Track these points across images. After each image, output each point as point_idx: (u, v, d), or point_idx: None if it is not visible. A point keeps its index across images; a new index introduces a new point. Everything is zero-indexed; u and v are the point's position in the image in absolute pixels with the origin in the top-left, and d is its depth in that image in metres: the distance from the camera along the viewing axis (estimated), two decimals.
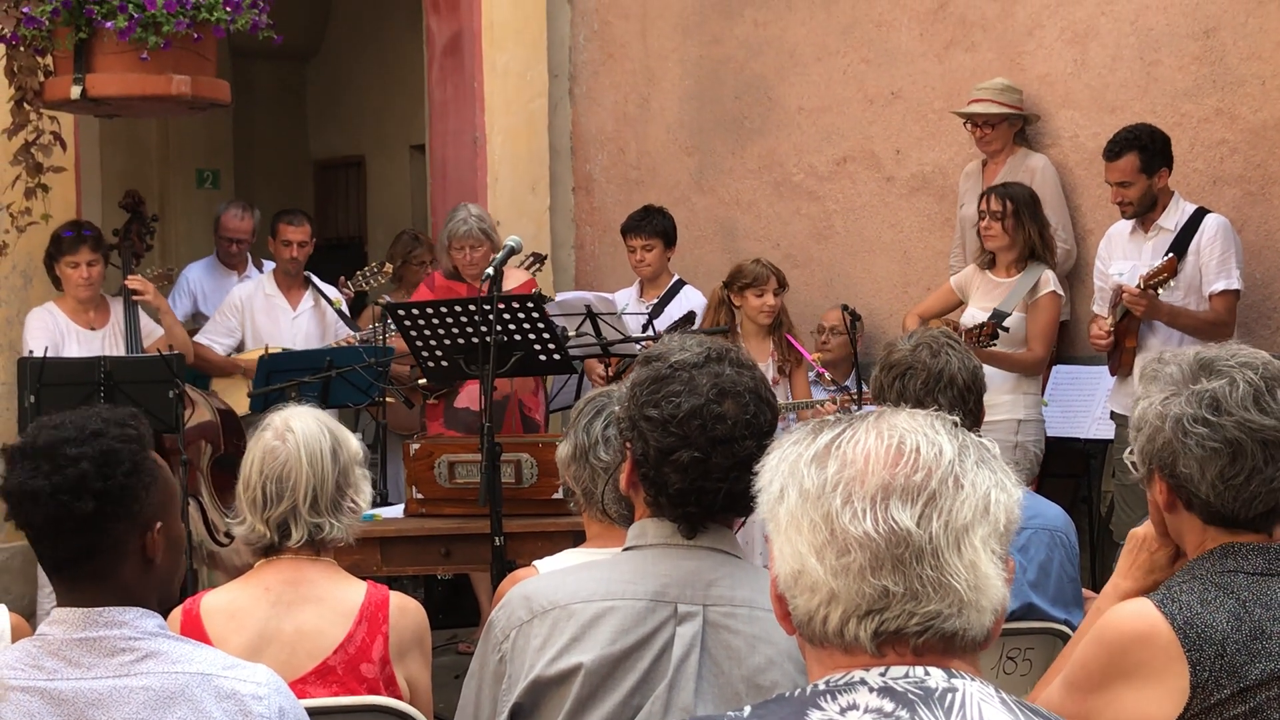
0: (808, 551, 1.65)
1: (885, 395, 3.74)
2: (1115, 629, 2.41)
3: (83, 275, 6.96)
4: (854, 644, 1.65)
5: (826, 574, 1.64)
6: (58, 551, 2.46)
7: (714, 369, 2.48)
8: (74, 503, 2.43)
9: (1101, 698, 2.40)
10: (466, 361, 5.41)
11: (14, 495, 2.46)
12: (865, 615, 1.64)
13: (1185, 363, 2.49)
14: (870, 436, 1.69)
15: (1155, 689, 2.34)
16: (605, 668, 2.38)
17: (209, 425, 6.81)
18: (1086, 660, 2.45)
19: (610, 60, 8.91)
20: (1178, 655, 2.33)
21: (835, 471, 1.67)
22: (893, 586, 1.63)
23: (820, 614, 1.65)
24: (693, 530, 2.48)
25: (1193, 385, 2.45)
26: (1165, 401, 2.46)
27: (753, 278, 6.85)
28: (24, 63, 6.81)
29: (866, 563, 1.63)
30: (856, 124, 7.96)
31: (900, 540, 1.64)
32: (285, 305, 7.75)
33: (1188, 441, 2.42)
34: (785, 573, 1.68)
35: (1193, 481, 2.44)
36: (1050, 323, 6.53)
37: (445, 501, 5.51)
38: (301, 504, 3.30)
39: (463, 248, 7.12)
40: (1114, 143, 6.30)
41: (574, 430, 3.41)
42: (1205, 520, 2.48)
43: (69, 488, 2.43)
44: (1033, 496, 3.95)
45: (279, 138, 12.61)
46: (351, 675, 3.26)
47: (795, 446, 1.73)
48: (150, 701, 2.38)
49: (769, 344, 6.91)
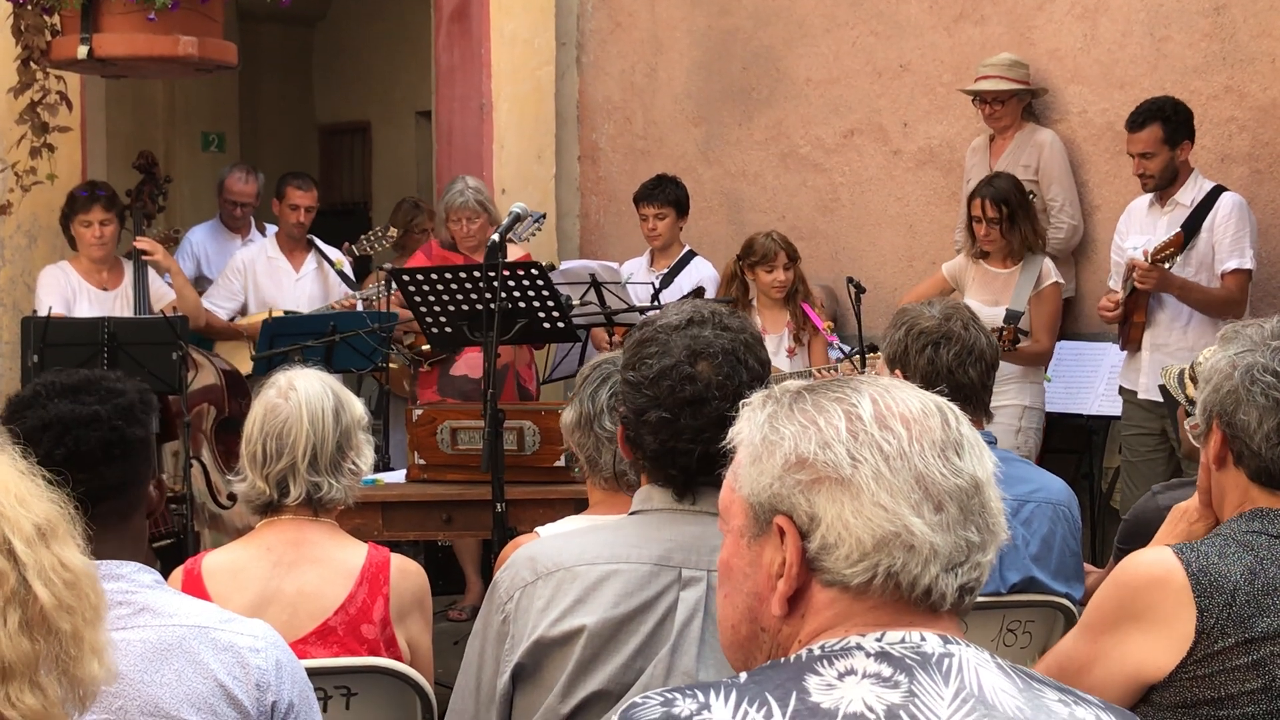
0: (908, 511, 1.64)
1: (911, 362, 3.62)
2: (1132, 572, 2.46)
3: (95, 234, 6.96)
4: (939, 600, 1.65)
5: (928, 530, 1.64)
6: (94, 484, 2.47)
7: (693, 331, 2.48)
8: (128, 428, 2.51)
9: (1111, 638, 2.45)
10: (470, 328, 5.41)
11: (63, 422, 2.50)
12: (954, 568, 1.66)
13: (1268, 326, 2.55)
14: (911, 396, 1.72)
15: (1163, 632, 2.38)
16: (608, 630, 2.38)
17: (213, 388, 6.82)
18: (1101, 602, 2.51)
19: (618, 29, 8.88)
20: (1188, 600, 2.37)
21: (905, 431, 1.68)
22: (973, 536, 1.67)
23: (914, 572, 1.65)
24: (682, 494, 2.48)
25: (1273, 343, 2.51)
26: (1239, 354, 2.52)
27: (763, 253, 6.83)
28: (31, 21, 6.80)
29: (957, 515, 1.66)
30: (864, 96, 7.94)
31: (975, 489, 1.68)
32: (288, 268, 7.75)
33: (1253, 390, 2.48)
34: (865, 537, 1.65)
35: (1248, 431, 2.49)
36: (1054, 314, 6.52)
37: (447, 467, 5.51)
38: (300, 462, 3.30)
39: (459, 219, 7.14)
40: (1137, 113, 6.25)
41: (579, 397, 3.40)
42: (1250, 477, 2.52)
43: (123, 414, 2.52)
44: (1036, 469, 3.93)
45: (285, 102, 12.59)
46: (352, 636, 3.27)
47: (823, 414, 1.69)
48: (147, 654, 2.38)
49: (785, 314, 6.91)
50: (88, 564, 1.71)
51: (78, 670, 1.65)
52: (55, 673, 1.63)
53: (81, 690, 1.66)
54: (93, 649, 1.67)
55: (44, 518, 1.74)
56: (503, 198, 8.22)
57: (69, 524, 1.74)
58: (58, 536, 1.73)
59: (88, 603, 1.69)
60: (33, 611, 1.66)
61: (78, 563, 1.70)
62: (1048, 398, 6.67)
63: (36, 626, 1.65)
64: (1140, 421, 6.26)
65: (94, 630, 1.68)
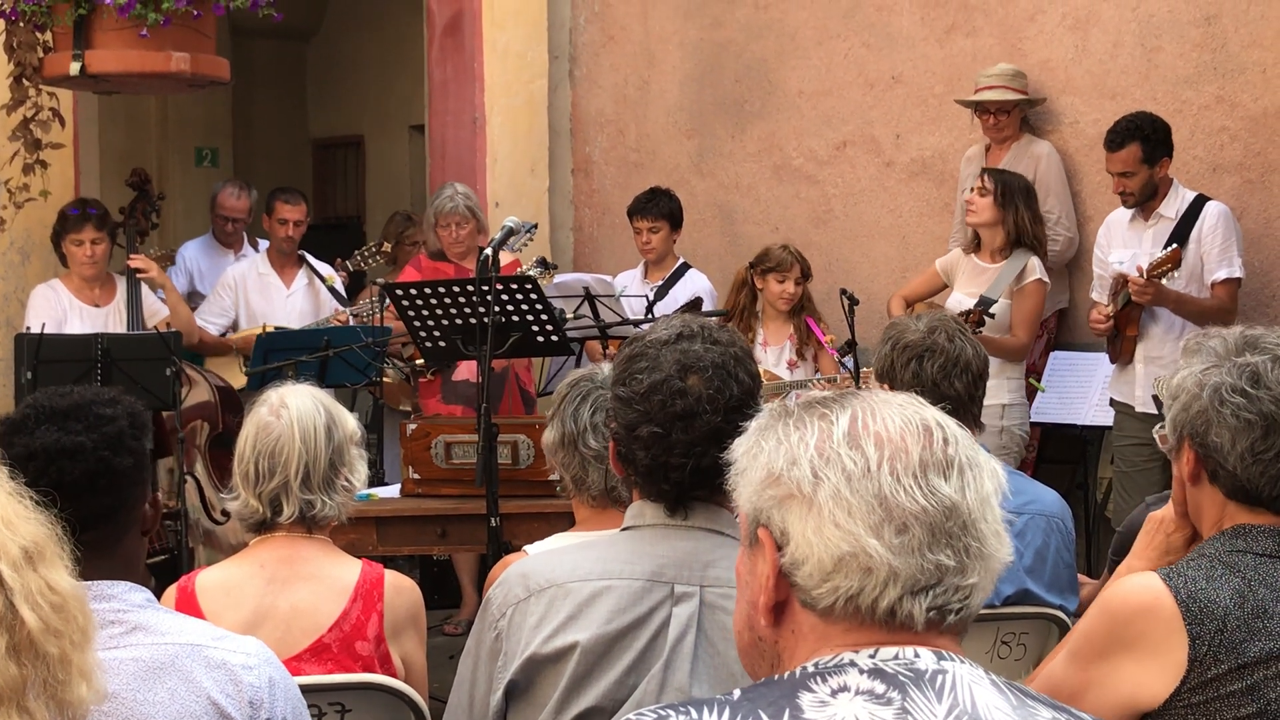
0: (865, 532, 1.63)
1: (897, 375, 3.67)
2: (1120, 600, 2.43)
3: (86, 253, 6.96)
4: (908, 621, 1.64)
5: (887, 552, 1.63)
6: (79, 513, 2.46)
7: (683, 345, 2.48)
8: (114, 458, 2.48)
9: (1102, 667, 2.42)
10: (464, 342, 5.41)
11: (48, 453, 2.48)
12: (920, 592, 1.64)
13: (1231, 338, 2.51)
14: (894, 415, 1.69)
15: (1155, 661, 2.36)
16: (601, 646, 2.38)
17: (207, 405, 6.81)
18: (1090, 630, 2.47)
19: (611, 42, 8.89)
20: (1179, 628, 2.34)
21: (875, 450, 1.66)
22: (946, 560, 1.64)
23: (872, 595, 1.64)
24: (675, 509, 2.48)
25: (1235, 358, 2.47)
26: (1205, 371, 2.49)
27: (777, 263, 6.86)
28: (23, 38, 6.80)
29: (924, 537, 1.64)
30: (857, 108, 7.95)
31: (950, 512, 1.65)
32: (279, 284, 7.74)
33: (1223, 411, 2.44)
34: (825, 556, 1.65)
35: (1222, 452, 2.46)
36: (1035, 309, 6.51)
37: (442, 482, 5.51)
38: (293, 480, 3.30)
39: (449, 225, 7.16)
40: (1115, 132, 6.26)
41: (560, 417, 3.38)
42: (1227, 494, 2.49)
43: (109, 444, 2.48)
44: (1030, 482, 3.95)
45: (278, 117, 12.60)
46: (346, 653, 3.26)
47: (801, 430, 1.70)
48: (140, 673, 2.37)
49: (789, 327, 6.92)
50: (76, 586, 1.71)
51: (65, 694, 1.64)
52: (43, 697, 1.62)
53: (70, 713, 1.66)
54: (81, 672, 1.67)
55: (31, 540, 1.73)
56: (496, 211, 8.23)
57: (57, 545, 1.74)
58: (45, 559, 1.72)
59: (75, 625, 1.68)
60: (20, 636, 1.65)
61: (66, 585, 1.69)
62: (1043, 408, 6.67)
63: (24, 651, 1.64)
64: (1134, 432, 6.26)
65: (82, 653, 1.67)
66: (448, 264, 7.19)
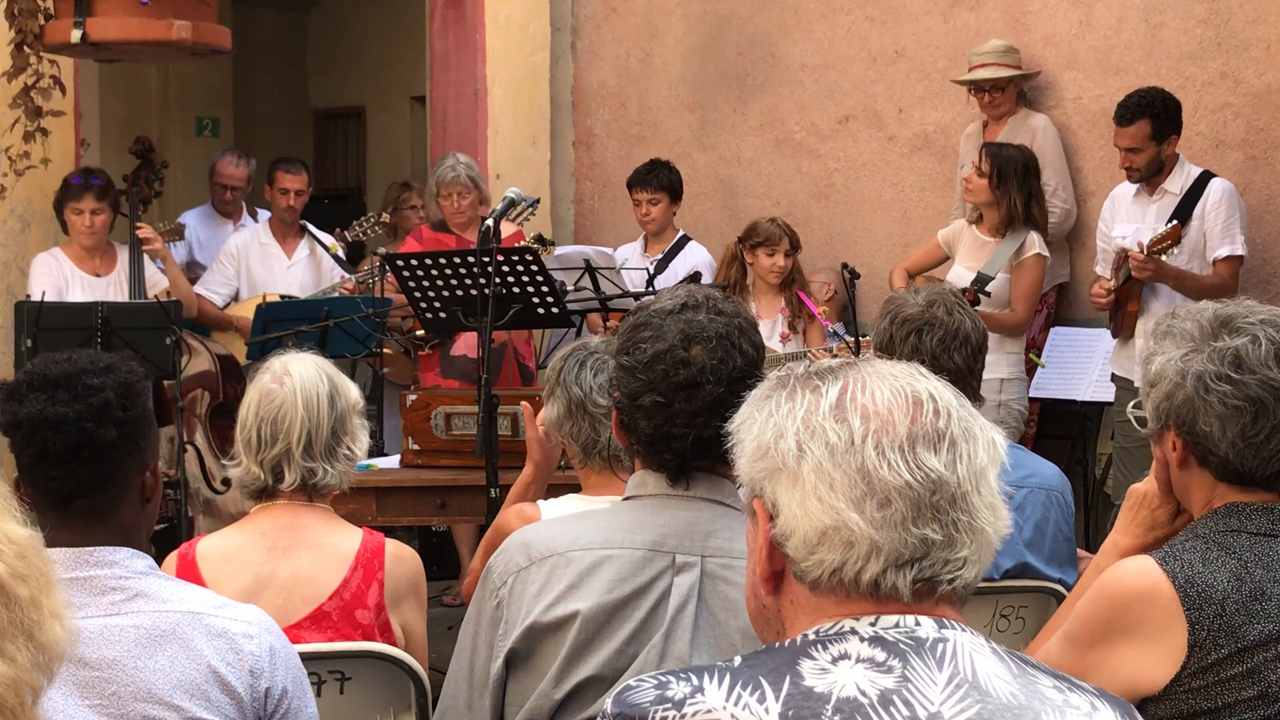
0: (846, 506, 1.63)
1: (896, 349, 3.66)
2: (1117, 585, 2.41)
3: (86, 223, 6.95)
4: (893, 593, 1.64)
5: (868, 526, 1.63)
6: (67, 482, 2.47)
7: (687, 315, 2.48)
8: (98, 430, 2.47)
9: (1100, 653, 2.41)
10: (465, 313, 5.40)
11: (32, 423, 2.48)
12: (905, 564, 1.64)
13: (1204, 319, 2.47)
14: (884, 386, 1.69)
15: (1154, 646, 2.35)
16: (601, 616, 2.38)
17: (208, 374, 6.81)
18: (1087, 616, 2.45)
19: (613, 14, 8.86)
20: (1177, 613, 2.33)
21: (860, 423, 1.66)
22: (932, 534, 1.63)
23: (855, 568, 1.64)
24: (677, 479, 2.48)
25: (1213, 342, 2.43)
26: (1185, 358, 2.45)
27: (765, 236, 6.85)
28: (24, 5, 6.78)
29: (908, 512, 1.63)
30: (859, 82, 7.93)
31: (936, 486, 1.64)
32: (280, 254, 7.74)
33: (1209, 399, 2.41)
34: (809, 529, 1.65)
35: (1212, 439, 2.43)
36: (1034, 284, 6.50)
37: (441, 453, 5.52)
38: (295, 447, 3.30)
39: (450, 194, 7.15)
40: (1126, 108, 6.23)
41: (560, 388, 3.40)
42: (1217, 477, 2.47)
43: (93, 415, 2.47)
44: (1029, 455, 3.95)
45: (279, 87, 12.57)
46: (346, 621, 3.26)
47: (791, 402, 1.70)
48: (141, 640, 2.38)
49: (780, 300, 6.92)
50: (30, 534, 1.73)
51: (42, 635, 1.67)
52: (20, 639, 1.64)
53: (46, 656, 1.68)
54: (52, 613, 1.69)
55: None
56: (497, 183, 8.22)
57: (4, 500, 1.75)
58: None
59: (38, 570, 1.71)
60: None
61: (21, 534, 1.72)
62: (1042, 384, 6.67)
63: None
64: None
65: (49, 596, 1.70)
66: (449, 235, 7.18)
